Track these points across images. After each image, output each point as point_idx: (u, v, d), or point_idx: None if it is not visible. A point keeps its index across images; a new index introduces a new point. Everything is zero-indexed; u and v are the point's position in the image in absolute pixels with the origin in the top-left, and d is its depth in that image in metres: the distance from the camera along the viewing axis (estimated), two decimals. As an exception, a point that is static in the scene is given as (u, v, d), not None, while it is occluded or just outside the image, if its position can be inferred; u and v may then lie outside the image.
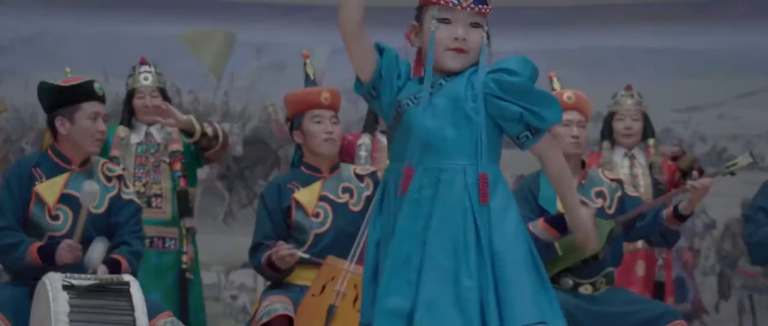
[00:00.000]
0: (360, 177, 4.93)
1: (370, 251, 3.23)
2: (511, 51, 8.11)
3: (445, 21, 3.14)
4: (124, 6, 8.03)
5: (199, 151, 5.71)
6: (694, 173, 4.98)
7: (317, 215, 4.85)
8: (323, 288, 4.69)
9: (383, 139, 5.59)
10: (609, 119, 6.06)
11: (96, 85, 4.78)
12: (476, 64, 3.19)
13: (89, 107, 4.71)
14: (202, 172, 6.62)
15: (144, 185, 5.71)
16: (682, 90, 8.08)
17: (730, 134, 8.10)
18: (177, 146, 5.74)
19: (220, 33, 8.19)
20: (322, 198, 4.85)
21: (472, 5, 3.14)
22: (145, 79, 5.82)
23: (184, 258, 5.71)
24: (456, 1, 3.13)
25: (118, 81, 5.84)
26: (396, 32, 3.49)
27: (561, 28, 8.11)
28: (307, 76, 5.22)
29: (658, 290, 5.88)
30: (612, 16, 8.18)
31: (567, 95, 5.01)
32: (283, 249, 4.68)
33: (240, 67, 8.20)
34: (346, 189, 4.89)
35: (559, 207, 4.82)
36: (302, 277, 4.78)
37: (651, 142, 6.05)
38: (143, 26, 8.00)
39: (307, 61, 5.26)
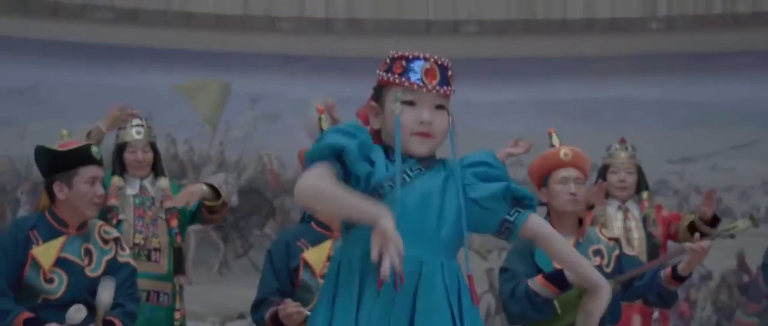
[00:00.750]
0: None
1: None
2: (506, 102, 8.16)
3: (409, 103, 2.97)
4: (118, 57, 8.05)
5: (200, 209, 5.73)
6: (697, 235, 4.94)
7: (324, 276, 4.79)
8: (328, 346, 4.66)
9: None
10: (603, 172, 6.05)
11: (93, 150, 4.77)
12: (438, 149, 3.04)
13: (86, 172, 4.69)
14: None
15: (144, 238, 5.71)
16: (677, 141, 8.11)
17: (725, 185, 8.11)
18: (172, 203, 5.74)
19: (216, 83, 8.21)
20: (331, 259, 4.80)
21: (437, 87, 2.97)
22: (138, 133, 5.82)
23: (177, 315, 5.69)
24: (421, 84, 2.96)
25: (113, 131, 5.83)
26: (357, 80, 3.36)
27: (555, 79, 8.15)
28: (321, 130, 5.14)
29: (655, 341, 5.85)
30: (607, 68, 8.22)
31: (564, 152, 4.97)
32: (290, 307, 4.62)
33: (235, 117, 8.22)
34: None
35: (556, 264, 4.80)
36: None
37: (645, 195, 6.03)
38: (138, 76, 8.03)
39: (322, 116, 5.16)
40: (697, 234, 4.96)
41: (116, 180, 5.74)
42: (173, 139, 8.07)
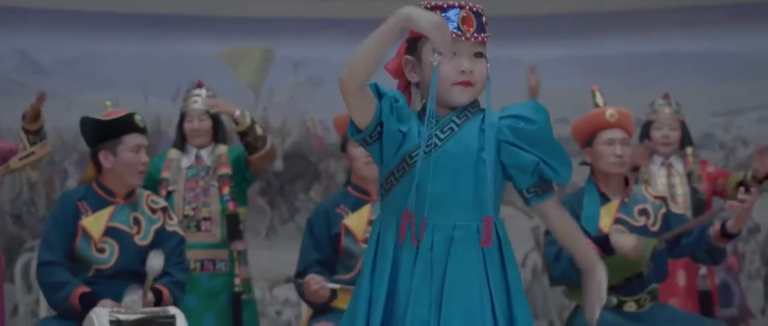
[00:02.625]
0: None
1: (360, 306, 2.99)
2: (549, 59, 8.13)
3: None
4: (161, 26, 8.09)
5: (244, 153, 5.73)
6: (741, 189, 4.91)
7: (366, 240, 4.80)
8: (369, 312, 4.67)
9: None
10: (646, 128, 6.02)
11: (137, 118, 4.83)
12: (474, 103, 3.02)
13: (131, 140, 4.76)
14: (243, 189, 6.66)
15: (193, 209, 5.75)
16: (722, 93, 8.04)
17: (772, 137, 8.04)
18: (226, 169, 5.78)
19: (258, 50, 8.23)
20: (371, 223, 4.80)
21: (474, 34, 2.95)
22: (195, 102, 5.88)
23: (237, 281, 5.74)
24: (458, 32, 2.93)
25: (158, 101, 5.89)
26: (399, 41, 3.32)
27: (598, 34, 8.09)
28: None
29: (703, 299, 5.83)
30: (648, 22, 8.15)
31: (610, 113, 4.95)
32: (313, 284, 4.63)
33: (278, 82, 8.24)
34: None
35: (603, 227, 4.79)
36: (347, 301, 4.76)
37: (689, 150, 6.00)
38: (181, 45, 8.07)
39: None
40: (741, 189, 4.94)
41: (172, 153, 5.79)
42: (217, 107, 8.09)
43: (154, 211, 4.86)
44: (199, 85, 5.95)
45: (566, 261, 4.63)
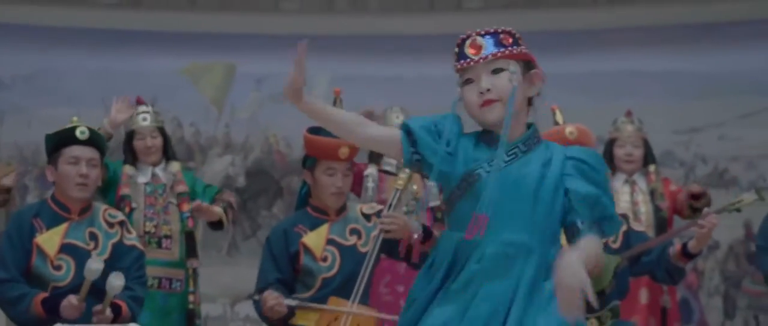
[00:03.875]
0: (367, 217, 4.86)
1: (414, 311, 3.13)
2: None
3: (468, 82, 3.11)
4: (124, 41, 8.06)
5: (205, 191, 5.77)
6: (706, 210, 4.94)
7: (325, 259, 4.76)
8: (327, 328, 4.65)
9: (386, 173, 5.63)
10: (609, 145, 6.04)
11: (78, 130, 4.74)
12: (526, 109, 3.14)
13: (68, 152, 4.69)
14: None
15: (155, 226, 5.72)
16: (683, 111, 8.10)
17: (731, 155, 8.10)
18: (183, 187, 5.76)
19: (221, 65, 8.22)
20: (330, 242, 4.77)
21: (483, 56, 3.08)
22: (144, 119, 5.83)
23: (191, 298, 5.72)
24: (467, 59, 3.09)
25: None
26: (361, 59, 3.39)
27: (560, 52, 8.13)
28: None
29: (664, 316, 5.85)
30: (612, 40, 8.21)
31: (569, 130, 4.96)
32: (270, 300, 4.62)
33: (241, 98, 8.23)
34: (353, 231, 4.82)
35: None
36: (305, 318, 4.73)
37: (652, 168, 6.02)
38: (143, 60, 8.04)
39: (338, 99, 5.13)
40: (705, 210, 4.96)
41: (127, 169, 5.75)
42: (179, 122, 8.09)
43: (111, 225, 4.80)
44: (140, 102, 5.91)
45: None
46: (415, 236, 4.67)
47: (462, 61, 3.08)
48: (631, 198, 5.92)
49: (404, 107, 6.34)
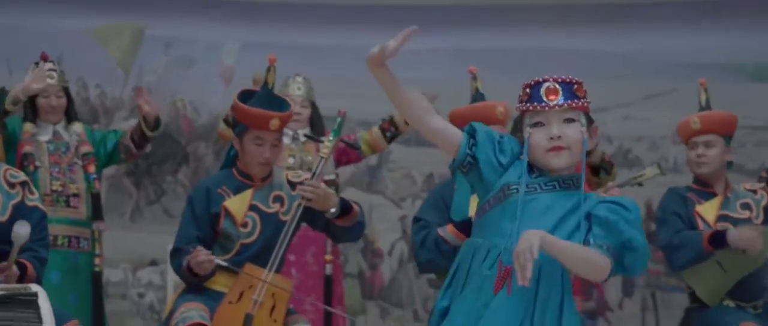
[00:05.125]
0: (292, 185, 4.85)
1: (434, 318, 3.28)
2: (425, 49, 8.16)
3: (538, 125, 3.23)
4: (30, -1, 7.90)
5: (122, 145, 5.70)
6: (609, 184, 5.02)
7: (245, 225, 4.75)
8: (241, 295, 4.63)
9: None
10: (519, 122, 6.08)
11: None
12: (577, 182, 3.23)
13: None
14: (109, 169, 6.56)
15: (61, 185, 5.65)
16: (591, 91, 8.15)
17: (635, 135, 8.22)
18: (88, 147, 5.70)
19: (129, 27, 8.09)
20: (252, 208, 4.75)
21: (560, 103, 3.21)
22: (50, 77, 5.73)
23: (97, 260, 5.68)
24: (543, 103, 3.21)
25: (23, 75, 5.72)
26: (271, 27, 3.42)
27: (473, 27, 8.16)
28: (265, 83, 5.01)
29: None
30: (522, 17, 8.25)
31: (499, 110, 5.03)
32: (201, 255, 4.60)
33: (149, 62, 8.11)
34: (277, 198, 4.80)
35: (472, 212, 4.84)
36: (220, 283, 4.72)
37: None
38: (50, 19, 7.88)
39: (272, 67, 5.06)
40: (609, 184, 5.04)
41: (28, 126, 5.66)
42: (85, 84, 7.95)
43: (12, 186, 4.70)
44: (45, 59, 5.80)
45: (432, 247, 4.66)
46: (333, 210, 4.66)
47: (536, 104, 3.20)
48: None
49: (307, 77, 6.30)
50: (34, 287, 4.33)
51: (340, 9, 7.87)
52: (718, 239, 5.08)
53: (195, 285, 4.74)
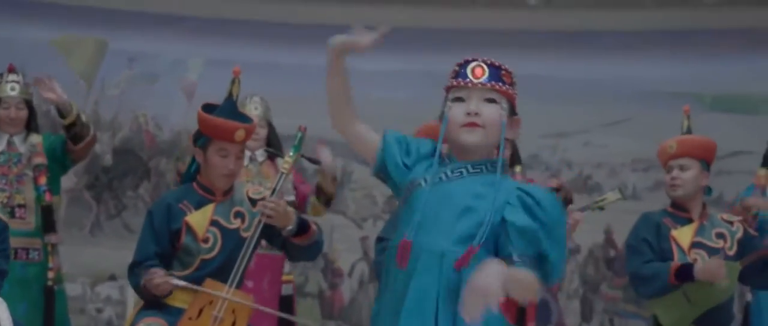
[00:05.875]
0: (253, 201, 4.83)
1: (374, 321, 3.26)
2: (392, 71, 8.16)
3: (458, 100, 3.18)
4: (-6, 9, 7.86)
5: (66, 144, 5.64)
6: (570, 207, 5.04)
7: (206, 240, 4.70)
8: (200, 311, 4.60)
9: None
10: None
11: None
12: (496, 147, 3.18)
13: None
14: (69, 182, 6.54)
15: (7, 197, 5.61)
16: (551, 116, 8.25)
17: (595, 161, 8.29)
18: (41, 159, 5.65)
19: (93, 40, 8.07)
20: (214, 223, 4.71)
21: (483, 82, 3.17)
22: (12, 89, 5.70)
23: (50, 273, 5.63)
24: (467, 80, 3.18)
25: (-14, 87, 5.69)
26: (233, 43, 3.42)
27: (437, 50, 8.21)
28: (229, 94, 4.98)
29: (520, 314, 5.95)
30: (484, 42, 8.31)
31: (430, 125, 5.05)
32: (157, 277, 4.56)
33: (112, 75, 8.09)
34: (238, 214, 4.77)
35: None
36: (180, 299, 4.68)
37: (518, 168, 6.11)
38: (13, 29, 7.85)
39: (236, 79, 5.04)
40: (569, 207, 5.06)
41: (-19, 137, 5.62)
42: (47, 96, 7.90)
43: (-28, 197, 4.69)
44: (11, 70, 5.77)
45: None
46: (290, 228, 4.65)
47: (460, 80, 3.17)
48: (496, 199, 6.01)
49: (264, 97, 6.28)
50: (-6, 297, 4.31)
51: (305, 28, 7.89)
52: (685, 273, 5.09)
53: (154, 302, 4.70)
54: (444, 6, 8.44)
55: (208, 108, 4.72)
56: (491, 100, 3.18)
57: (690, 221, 5.26)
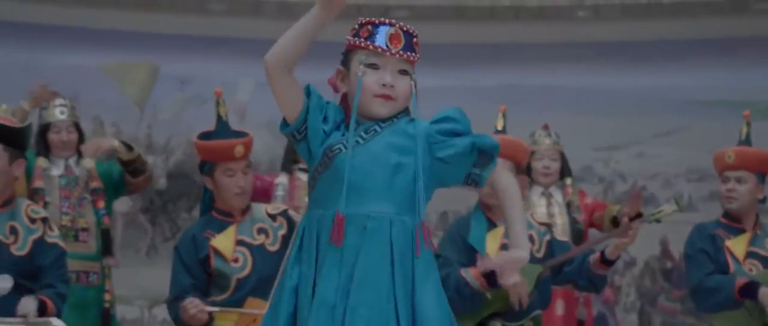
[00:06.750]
0: (273, 217, 4.86)
1: (284, 296, 3.10)
2: (434, 87, 8.20)
3: (372, 66, 3.09)
4: (46, 36, 7.95)
5: (123, 178, 5.71)
6: (625, 220, 4.99)
7: (236, 260, 4.73)
8: (246, 331, 4.64)
9: (302, 176, 5.55)
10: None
11: None
12: (403, 112, 3.16)
13: None
14: (124, 205, 6.60)
15: (71, 220, 5.66)
16: (603, 128, 8.21)
17: (650, 172, 8.23)
18: (97, 183, 5.71)
19: (144, 65, 8.14)
20: (240, 243, 4.75)
21: (400, 52, 3.10)
22: (61, 113, 5.77)
23: (107, 296, 5.68)
24: (385, 47, 3.09)
25: (41, 112, 5.77)
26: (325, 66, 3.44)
27: (483, 65, 8.20)
28: (219, 116, 5.01)
29: (578, 329, 5.92)
30: (533, 55, 8.29)
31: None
32: (191, 307, 4.59)
33: (164, 99, 8.16)
34: (261, 230, 4.80)
35: (490, 253, 4.84)
36: (226, 318, 4.72)
37: (568, 181, 6.10)
38: (66, 56, 7.94)
39: (220, 100, 5.07)
40: (625, 219, 5.02)
41: (41, 161, 5.68)
42: (101, 121, 8.00)
43: (33, 221, 4.73)
44: (56, 94, 5.84)
45: (453, 288, 4.66)
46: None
47: (379, 46, 3.07)
48: (547, 211, 5.99)
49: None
50: (56, 321, 4.35)
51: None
52: (750, 291, 5.05)
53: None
54: (488, 20, 8.43)
55: (204, 136, 4.79)
56: (404, 72, 3.11)
57: (743, 231, 5.21)
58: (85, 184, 5.73)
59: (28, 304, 4.45)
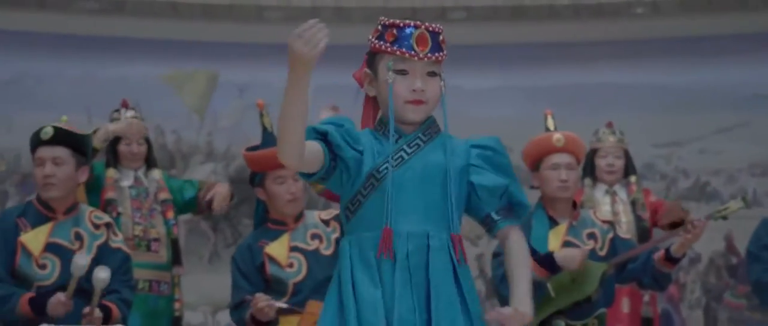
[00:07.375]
0: (326, 222, 4.89)
1: (328, 312, 3.07)
2: (493, 88, 8.17)
3: (401, 72, 3.01)
4: (105, 47, 8.04)
5: (195, 202, 5.81)
6: (690, 216, 4.93)
7: (291, 265, 4.77)
8: (308, 335, 4.66)
9: None
10: (591, 156, 6.04)
11: (43, 131, 4.73)
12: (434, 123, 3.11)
13: (37, 153, 4.72)
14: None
15: (143, 230, 5.72)
16: (664, 125, 8.14)
17: (712, 168, 8.15)
18: (166, 194, 5.76)
19: (203, 73, 8.21)
20: (293, 249, 4.78)
21: (428, 55, 3.01)
22: (132, 125, 5.82)
23: (177, 305, 5.73)
24: (412, 52, 3.00)
25: (102, 122, 5.82)
26: (345, 68, 3.37)
27: (542, 64, 8.17)
28: (264, 128, 5.03)
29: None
30: (593, 53, 8.24)
31: (556, 137, 4.97)
32: (261, 301, 4.63)
33: (223, 106, 8.21)
34: (314, 236, 4.83)
35: (551, 246, 4.82)
36: (287, 321, 4.75)
37: (633, 178, 6.05)
38: (125, 66, 8.02)
39: (263, 112, 5.09)
40: (690, 216, 4.97)
41: (111, 172, 5.74)
42: (162, 130, 8.07)
43: (96, 227, 4.78)
44: (126, 106, 5.89)
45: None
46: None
47: (406, 51, 2.99)
48: (612, 209, 5.94)
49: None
50: (119, 327, 4.40)
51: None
52: None
53: (261, 330, 4.75)
54: (546, 19, 8.39)
55: (252, 148, 4.83)
56: (433, 74, 3.03)
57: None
58: (154, 195, 5.79)
59: (101, 272, 4.45)
